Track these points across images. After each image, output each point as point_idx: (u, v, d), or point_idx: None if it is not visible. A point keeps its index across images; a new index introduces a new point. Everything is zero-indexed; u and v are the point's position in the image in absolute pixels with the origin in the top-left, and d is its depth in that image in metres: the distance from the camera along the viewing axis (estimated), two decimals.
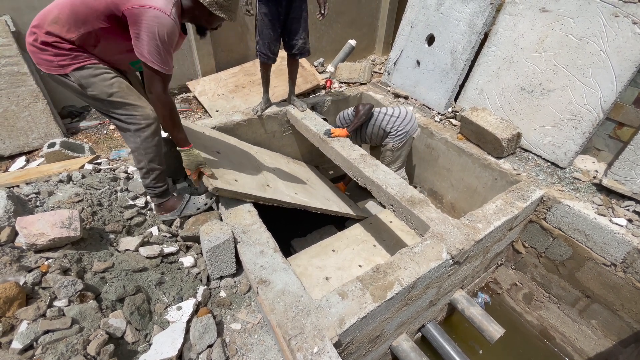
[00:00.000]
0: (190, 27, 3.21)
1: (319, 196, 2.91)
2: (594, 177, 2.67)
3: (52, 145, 2.38)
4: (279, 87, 3.67)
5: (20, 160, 2.65)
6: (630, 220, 2.30)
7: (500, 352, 2.92)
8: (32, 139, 2.75)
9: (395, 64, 4.05)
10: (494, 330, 2.40)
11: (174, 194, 2.02)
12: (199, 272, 1.78)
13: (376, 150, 3.31)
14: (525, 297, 3.07)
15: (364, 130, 3.10)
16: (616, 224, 2.28)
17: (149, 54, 1.44)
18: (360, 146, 2.96)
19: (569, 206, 2.43)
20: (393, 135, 2.99)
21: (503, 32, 3.03)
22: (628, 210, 2.36)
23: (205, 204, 2.03)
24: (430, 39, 3.61)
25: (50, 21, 1.44)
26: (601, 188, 2.54)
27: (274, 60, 2.81)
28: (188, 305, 1.57)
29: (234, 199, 2.09)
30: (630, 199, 2.41)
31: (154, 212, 2.02)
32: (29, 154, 2.76)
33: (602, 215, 2.35)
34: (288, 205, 2.34)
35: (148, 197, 2.08)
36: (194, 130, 2.46)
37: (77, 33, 1.46)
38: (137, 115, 1.61)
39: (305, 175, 3.36)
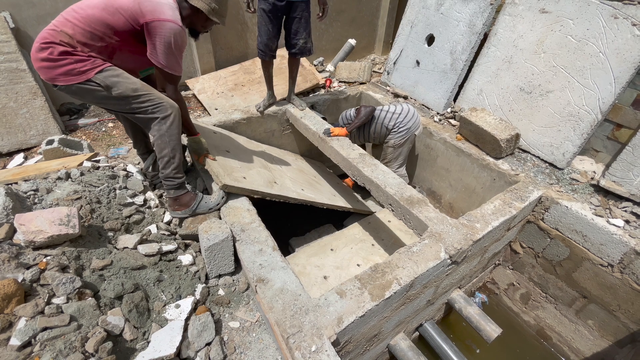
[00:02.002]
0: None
1: (325, 192, 2.93)
2: (592, 178, 2.68)
3: (50, 142, 2.38)
4: (278, 85, 3.67)
5: (19, 157, 2.64)
6: (627, 222, 2.31)
7: (497, 352, 2.94)
8: (30, 136, 2.74)
9: (395, 63, 4.05)
10: (491, 329, 2.42)
11: (190, 190, 2.03)
12: (198, 271, 1.78)
13: (378, 148, 3.31)
14: (522, 297, 3.08)
15: (367, 129, 3.11)
16: (613, 224, 2.29)
17: (164, 60, 1.64)
18: (361, 146, 2.96)
19: (567, 207, 2.44)
20: (395, 132, 3.00)
21: (503, 33, 3.03)
22: (625, 211, 2.38)
23: (217, 204, 2.05)
24: (430, 39, 3.61)
25: (64, 37, 1.52)
26: (599, 189, 2.55)
27: (270, 57, 2.78)
28: (186, 304, 1.57)
29: (233, 196, 2.10)
30: (627, 200, 2.42)
31: (166, 207, 2.03)
32: (27, 151, 2.75)
33: (599, 216, 2.36)
34: (294, 201, 2.37)
35: (147, 194, 2.08)
36: (205, 131, 2.52)
37: (93, 47, 1.58)
38: (164, 103, 1.71)
39: (312, 171, 3.37)
